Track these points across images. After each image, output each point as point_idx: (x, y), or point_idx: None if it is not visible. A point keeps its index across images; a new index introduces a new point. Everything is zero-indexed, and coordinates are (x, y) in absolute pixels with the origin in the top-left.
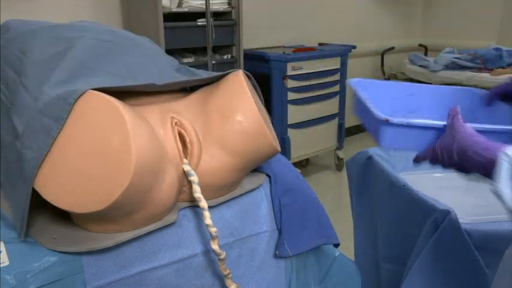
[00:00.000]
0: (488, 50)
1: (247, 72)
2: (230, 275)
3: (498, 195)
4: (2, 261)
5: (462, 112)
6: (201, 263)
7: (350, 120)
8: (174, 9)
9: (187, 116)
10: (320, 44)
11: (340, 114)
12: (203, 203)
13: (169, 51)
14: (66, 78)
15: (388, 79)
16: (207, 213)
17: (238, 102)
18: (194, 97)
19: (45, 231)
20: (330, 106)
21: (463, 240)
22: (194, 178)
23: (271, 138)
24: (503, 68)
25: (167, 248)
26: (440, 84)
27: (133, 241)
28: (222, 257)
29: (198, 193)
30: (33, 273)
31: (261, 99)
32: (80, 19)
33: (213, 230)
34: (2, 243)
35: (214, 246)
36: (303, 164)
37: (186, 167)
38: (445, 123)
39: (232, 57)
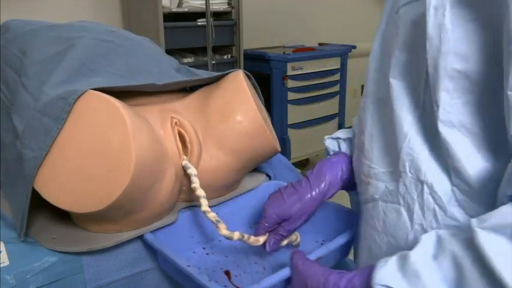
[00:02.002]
0: None
1: (247, 72)
2: None
3: None
4: (2, 261)
5: None
6: None
7: (350, 120)
8: (174, 9)
9: (187, 116)
10: (320, 44)
11: (340, 114)
12: (200, 191)
13: (169, 51)
14: (66, 78)
15: None
16: (203, 201)
17: (238, 102)
18: (194, 97)
19: (45, 231)
20: (330, 106)
21: None
22: (192, 170)
23: (271, 137)
24: None
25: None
26: None
27: (133, 241)
28: (235, 238)
29: (195, 183)
30: (33, 273)
31: (260, 99)
32: (80, 19)
33: (212, 215)
34: (2, 243)
35: (223, 231)
36: (302, 164)
37: (184, 162)
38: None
39: (232, 57)
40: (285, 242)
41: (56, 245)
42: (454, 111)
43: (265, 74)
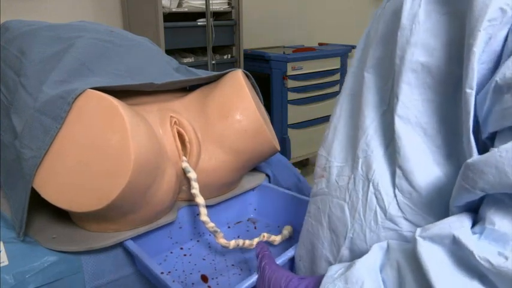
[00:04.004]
0: None
1: (246, 72)
2: None
3: None
4: (1, 261)
5: None
6: None
7: None
8: (174, 9)
9: (187, 115)
10: (320, 44)
11: None
12: (199, 199)
13: (169, 51)
14: (66, 78)
15: None
16: (203, 210)
17: (237, 101)
18: (193, 96)
19: (44, 231)
20: (330, 106)
21: None
22: (192, 174)
23: (270, 136)
24: None
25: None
26: None
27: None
28: (231, 247)
29: (195, 189)
30: (32, 272)
31: (260, 99)
32: (80, 19)
33: (210, 225)
34: (1, 243)
35: (220, 240)
36: (303, 164)
37: (184, 164)
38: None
39: (232, 57)
40: (278, 239)
41: (55, 245)
42: (413, 108)
43: (265, 74)
